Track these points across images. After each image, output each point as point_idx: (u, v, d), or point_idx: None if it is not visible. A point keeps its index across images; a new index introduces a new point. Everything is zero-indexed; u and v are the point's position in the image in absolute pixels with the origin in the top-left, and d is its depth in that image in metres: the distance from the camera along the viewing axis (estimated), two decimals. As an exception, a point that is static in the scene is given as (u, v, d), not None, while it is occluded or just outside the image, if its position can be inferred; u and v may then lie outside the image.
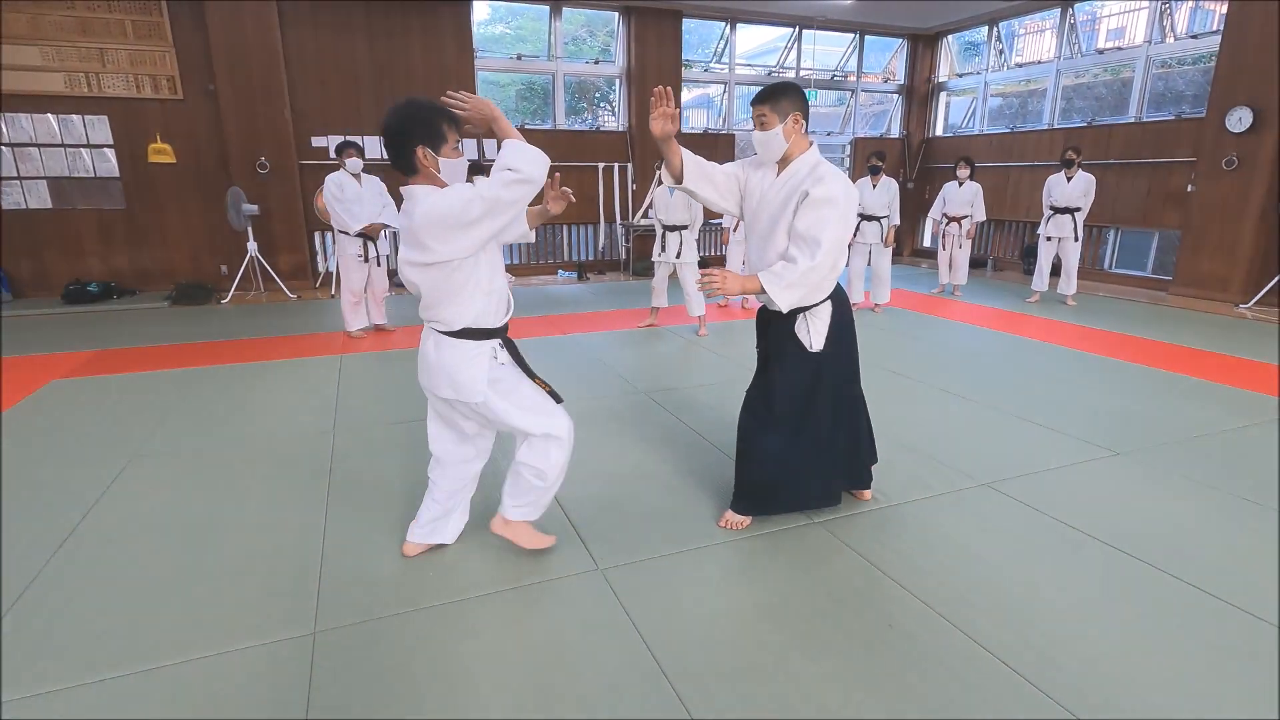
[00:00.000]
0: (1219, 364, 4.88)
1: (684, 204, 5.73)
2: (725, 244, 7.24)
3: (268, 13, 7.52)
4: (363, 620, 2.06)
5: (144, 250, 7.91)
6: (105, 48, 7.27)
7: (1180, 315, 6.68)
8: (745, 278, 2.27)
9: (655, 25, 9.23)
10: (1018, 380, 4.51)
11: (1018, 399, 4.09)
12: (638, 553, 2.43)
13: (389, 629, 2.03)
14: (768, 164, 2.42)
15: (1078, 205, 6.91)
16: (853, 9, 9.65)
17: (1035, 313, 6.80)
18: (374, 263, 5.80)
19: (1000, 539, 2.52)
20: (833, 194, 2.20)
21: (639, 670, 1.86)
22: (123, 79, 7.40)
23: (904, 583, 2.24)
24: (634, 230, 9.59)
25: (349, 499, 2.86)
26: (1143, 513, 2.71)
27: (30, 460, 3.26)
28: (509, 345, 2.20)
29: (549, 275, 9.62)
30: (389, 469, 3.16)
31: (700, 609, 2.13)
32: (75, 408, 4.01)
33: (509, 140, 1.94)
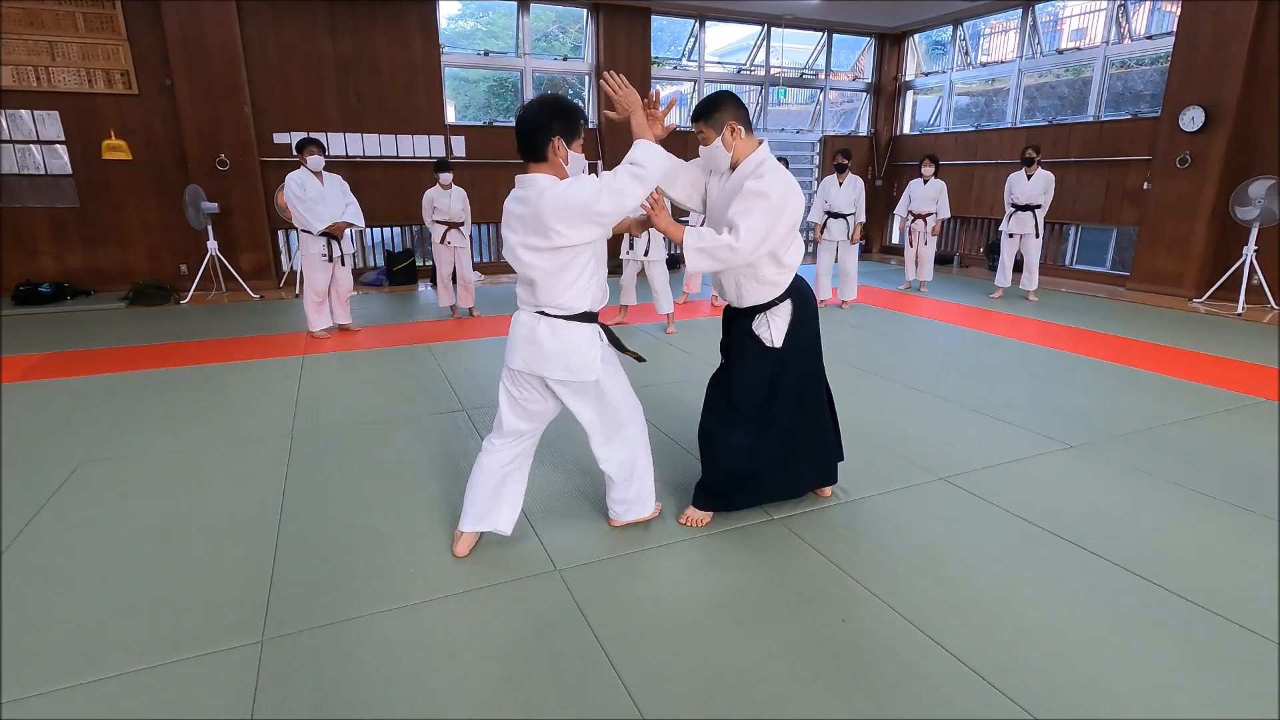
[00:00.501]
0: (1172, 357, 5.01)
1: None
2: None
3: (225, 7, 7.34)
4: (314, 626, 2.03)
5: (99, 249, 7.68)
6: (55, 40, 7.05)
7: (1137, 310, 6.85)
8: (676, 223, 2.37)
9: (625, 22, 9.21)
10: (980, 376, 4.58)
11: (979, 394, 4.16)
12: (596, 552, 2.43)
13: (340, 635, 1.99)
14: (720, 171, 2.47)
15: (1038, 202, 7.05)
16: (821, 8, 9.72)
17: (999, 308, 6.93)
18: (338, 262, 5.71)
19: (955, 533, 2.56)
20: (765, 189, 2.23)
21: (594, 671, 1.85)
22: (74, 73, 7.17)
23: (861, 579, 2.26)
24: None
25: (305, 503, 2.81)
26: (1092, 505, 2.77)
27: (-29, 468, 3.15)
28: (605, 329, 2.33)
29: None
30: (349, 472, 3.11)
31: (658, 608, 2.13)
32: (22, 413, 3.88)
33: (640, 140, 2.08)
